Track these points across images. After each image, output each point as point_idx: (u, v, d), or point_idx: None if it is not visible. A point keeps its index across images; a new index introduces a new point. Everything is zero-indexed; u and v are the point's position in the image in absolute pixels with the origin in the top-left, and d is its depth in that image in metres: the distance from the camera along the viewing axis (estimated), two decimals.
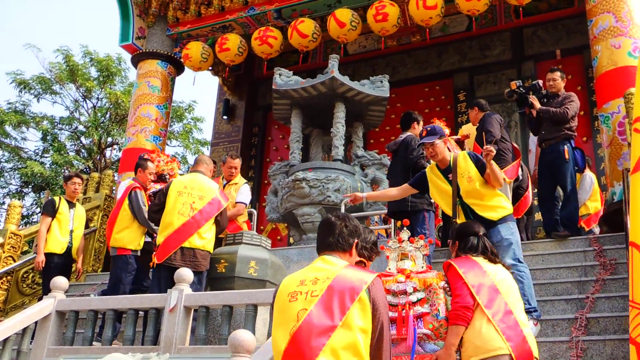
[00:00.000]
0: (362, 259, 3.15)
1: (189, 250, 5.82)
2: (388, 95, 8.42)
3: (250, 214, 7.60)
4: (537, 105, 7.18)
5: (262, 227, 7.69)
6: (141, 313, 5.60)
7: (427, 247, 4.04)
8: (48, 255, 7.21)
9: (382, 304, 2.77)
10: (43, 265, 7.16)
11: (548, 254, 6.51)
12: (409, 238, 3.97)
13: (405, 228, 4.09)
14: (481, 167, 5.20)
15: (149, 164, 7.20)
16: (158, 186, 7.06)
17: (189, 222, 5.89)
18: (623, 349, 4.70)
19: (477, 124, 7.35)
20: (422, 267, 3.90)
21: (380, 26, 9.84)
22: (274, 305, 2.88)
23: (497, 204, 5.17)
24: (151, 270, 6.22)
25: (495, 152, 5.18)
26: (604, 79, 8.23)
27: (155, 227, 6.36)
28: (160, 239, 5.92)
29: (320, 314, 2.68)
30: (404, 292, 3.63)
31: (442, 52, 12.14)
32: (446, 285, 3.75)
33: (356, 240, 3.01)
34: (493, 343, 3.51)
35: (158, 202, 6.12)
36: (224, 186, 7.31)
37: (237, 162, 7.49)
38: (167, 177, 7.27)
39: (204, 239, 5.91)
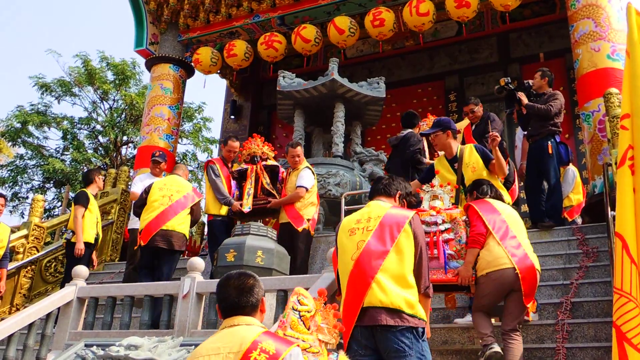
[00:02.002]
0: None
1: (166, 231, 6.39)
2: (384, 95, 8.40)
3: None
4: (525, 100, 7.14)
5: (267, 219, 7.62)
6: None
7: (453, 190, 4.88)
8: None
9: (420, 233, 3.47)
10: (82, 253, 7.08)
11: (534, 243, 6.37)
12: (439, 184, 4.77)
13: (437, 175, 5.03)
14: (486, 159, 5.22)
15: (229, 141, 7.48)
16: (244, 165, 7.06)
17: (167, 209, 6.48)
18: (605, 331, 4.67)
19: (478, 122, 7.42)
20: (449, 206, 4.70)
21: (377, 31, 9.80)
22: (337, 239, 3.60)
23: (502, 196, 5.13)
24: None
25: (500, 138, 5.19)
26: (584, 80, 8.19)
27: (221, 196, 6.92)
28: (142, 225, 6.47)
29: (375, 242, 3.34)
30: (435, 223, 4.36)
31: (434, 56, 12.09)
32: (467, 219, 4.56)
33: (399, 192, 3.75)
34: (500, 260, 4.29)
35: (140, 199, 6.63)
36: (289, 174, 6.98)
37: (298, 150, 6.93)
38: (259, 159, 6.99)
39: (180, 223, 6.52)
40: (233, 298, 2.48)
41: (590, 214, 7.47)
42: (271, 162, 7.08)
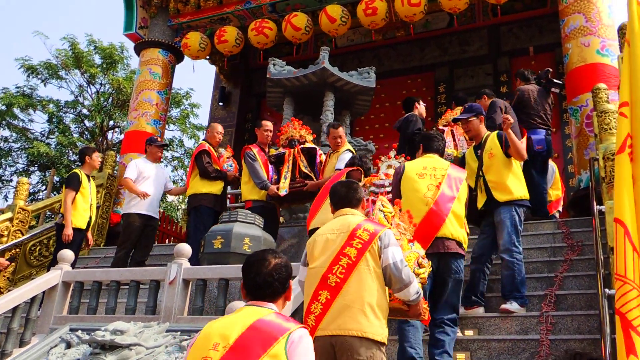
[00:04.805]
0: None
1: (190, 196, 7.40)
2: (374, 85, 8.38)
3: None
4: None
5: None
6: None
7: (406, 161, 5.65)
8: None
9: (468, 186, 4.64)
10: (71, 239, 6.92)
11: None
12: (394, 155, 5.29)
13: (394, 149, 5.49)
14: (505, 145, 5.26)
15: (263, 122, 7.46)
16: (282, 150, 7.01)
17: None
18: (589, 323, 4.74)
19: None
20: None
21: (370, 20, 9.74)
22: (401, 180, 4.55)
23: (509, 187, 5.20)
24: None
25: (512, 120, 5.23)
26: (574, 74, 8.23)
27: (258, 180, 6.90)
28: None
29: (447, 189, 4.41)
30: (382, 185, 4.77)
31: (424, 47, 12.07)
32: None
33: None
34: None
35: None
36: (329, 156, 6.81)
37: (340, 131, 6.79)
38: (297, 142, 6.93)
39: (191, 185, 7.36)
40: (343, 194, 3.50)
41: (575, 208, 7.54)
42: (309, 144, 7.01)
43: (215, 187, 7.29)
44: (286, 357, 2.15)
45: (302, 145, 6.91)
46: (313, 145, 7.03)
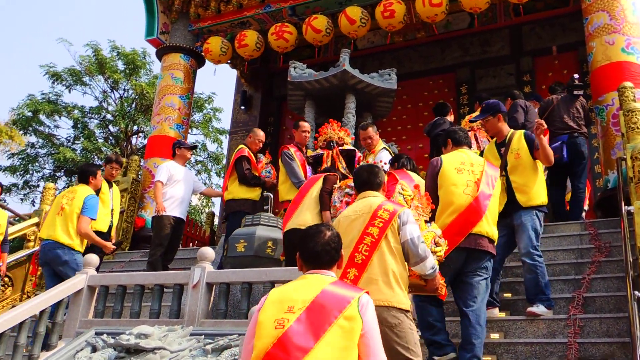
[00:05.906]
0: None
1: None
2: (396, 87, 8.32)
3: (267, 198, 7.46)
4: None
5: (277, 210, 7.61)
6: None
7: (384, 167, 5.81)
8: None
9: None
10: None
11: (545, 237, 6.38)
12: (372, 161, 5.46)
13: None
14: (534, 147, 5.14)
15: (301, 122, 7.43)
16: (320, 151, 7.01)
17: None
18: (617, 326, 4.63)
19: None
20: None
21: (387, 22, 9.70)
22: (439, 174, 4.52)
23: (532, 190, 5.09)
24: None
25: (545, 126, 5.13)
26: (598, 73, 8.08)
27: (296, 180, 6.78)
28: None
29: (485, 186, 4.44)
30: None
31: (445, 48, 11.96)
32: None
33: None
34: None
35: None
36: (365, 157, 6.88)
37: (369, 132, 6.83)
38: (335, 144, 6.92)
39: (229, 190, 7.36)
40: (365, 177, 3.76)
41: (602, 209, 7.40)
42: (347, 146, 6.99)
43: (254, 193, 7.30)
44: (360, 317, 2.40)
45: (340, 147, 6.88)
46: (352, 147, 7.00)
